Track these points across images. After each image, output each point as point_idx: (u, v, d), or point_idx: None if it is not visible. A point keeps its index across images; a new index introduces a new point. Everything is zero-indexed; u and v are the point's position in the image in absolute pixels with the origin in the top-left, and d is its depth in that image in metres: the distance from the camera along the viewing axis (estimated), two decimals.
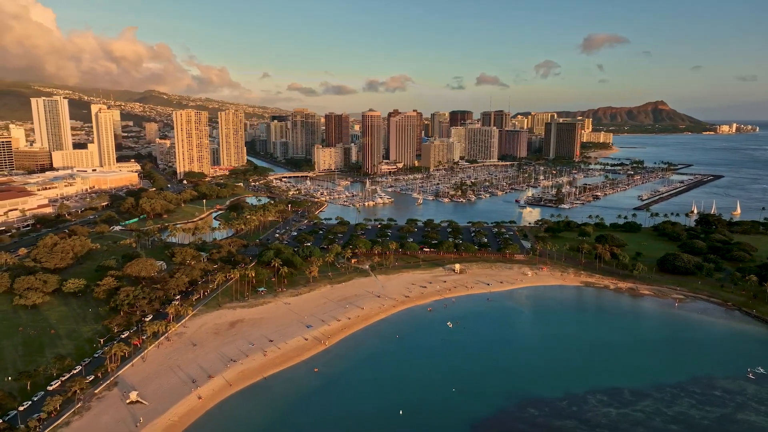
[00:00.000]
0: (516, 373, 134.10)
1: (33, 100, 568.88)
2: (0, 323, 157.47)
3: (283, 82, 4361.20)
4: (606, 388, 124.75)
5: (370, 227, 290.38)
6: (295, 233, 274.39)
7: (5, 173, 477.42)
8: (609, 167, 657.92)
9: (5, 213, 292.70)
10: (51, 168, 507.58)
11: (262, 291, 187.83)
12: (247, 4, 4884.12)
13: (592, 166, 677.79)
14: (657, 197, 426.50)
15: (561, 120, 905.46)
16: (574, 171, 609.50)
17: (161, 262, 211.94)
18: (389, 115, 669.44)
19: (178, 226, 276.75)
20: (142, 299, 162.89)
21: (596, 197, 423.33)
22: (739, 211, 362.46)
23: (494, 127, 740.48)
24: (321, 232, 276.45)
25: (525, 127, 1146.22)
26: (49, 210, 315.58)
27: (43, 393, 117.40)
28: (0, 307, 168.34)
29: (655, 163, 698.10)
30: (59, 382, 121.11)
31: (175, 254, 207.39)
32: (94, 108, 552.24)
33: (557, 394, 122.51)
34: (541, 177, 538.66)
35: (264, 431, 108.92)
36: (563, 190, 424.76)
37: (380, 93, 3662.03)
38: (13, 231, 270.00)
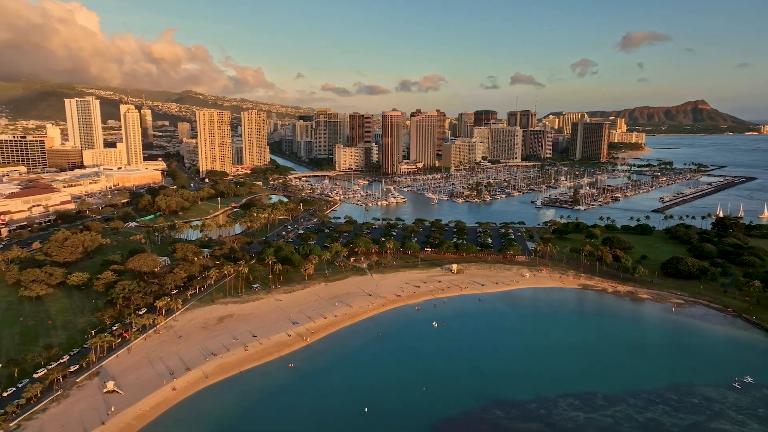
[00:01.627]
0: (491, 374, 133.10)
1: (66, 101, 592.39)
2: (5, 313, 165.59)
3: (316, 83, 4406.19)
4: (580, 392, 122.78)
5: (376, 227, 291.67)
6: (302, 231, 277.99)
7: (38, 171, 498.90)
8: (635, 168, 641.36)
9: (29, 209, 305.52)
10: (81, 166, 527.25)
11: (256, 287, 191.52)
12: (281, 6, 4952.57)
13: (618, 167, 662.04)
14: (680, 199, 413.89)
15: (588, 120, 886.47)
16: (598, 172, 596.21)
17: (165, 257, 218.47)
18: (412, 114, 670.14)
19: (186, 222, 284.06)
20: (137, 293, 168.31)
21: (615, 199, 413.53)
22: (766, 214, 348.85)
23: (518, 127, 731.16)
24: (327, 230, 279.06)
25: (556, 127, 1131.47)
26: (71, 206, 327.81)
27: (28, 380, 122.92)
28: (7, 298, 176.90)
29: (685, 164, 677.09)
30: (45, 371, 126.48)
31: (176, 250, 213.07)
32: (122, 108, 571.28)
33: (528, 396, 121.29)
34: (563, 178, 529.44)
35: (230, 423, 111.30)
36: (581, 192, 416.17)
37: (413, 93, 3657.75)
38: (34, 226, 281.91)
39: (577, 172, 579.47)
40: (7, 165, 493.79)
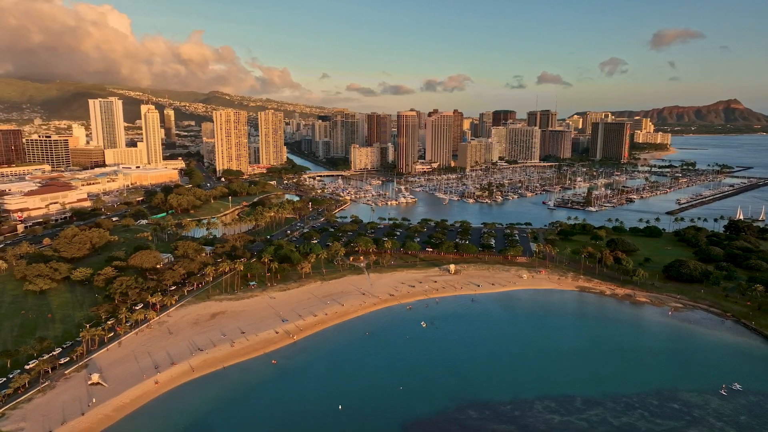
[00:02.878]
0: (472, 375, 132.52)
1: (90, 102, 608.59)
2: (9, 306, 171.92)
3: (342, 83, 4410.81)
4: (558, 395, 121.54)
5: (382, 226, 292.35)
6: (306, 230, 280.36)
7: (61, 169, 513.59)
8: (656, 169, 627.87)
9: (46, 206, 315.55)
10: (104, 165, 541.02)
11: (252, 285, 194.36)
12: (306, 7, 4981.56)
13: (639, 168, 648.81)
14: (697, 201, 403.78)
15: (610, 119, 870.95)
16: (616, 173, 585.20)
17: (168, 254, 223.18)
18: (429, 114, 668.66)
19: (192, 220, 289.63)
20: (134, 289, 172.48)
21: (630, 200, 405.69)
22: None
23: (536, 127, 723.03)
24: (332, 230, 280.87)
25: (579, 127, 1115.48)
26: (87, 204, 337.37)
27: (19, 371, 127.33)
28: (13, 292, 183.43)
29: (708, 165, 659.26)
30: (36, 362, 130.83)
31: (177, 247, 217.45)
32: (143, 108, 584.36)
33: (505, 398, 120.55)
34: (579, 178, 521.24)
35: (206, 416, 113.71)
36: (594, 193, 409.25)
37: (438, 93, 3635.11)
38: (50, 223, 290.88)
39: (594, 173, 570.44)
40: (32, 164, 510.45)
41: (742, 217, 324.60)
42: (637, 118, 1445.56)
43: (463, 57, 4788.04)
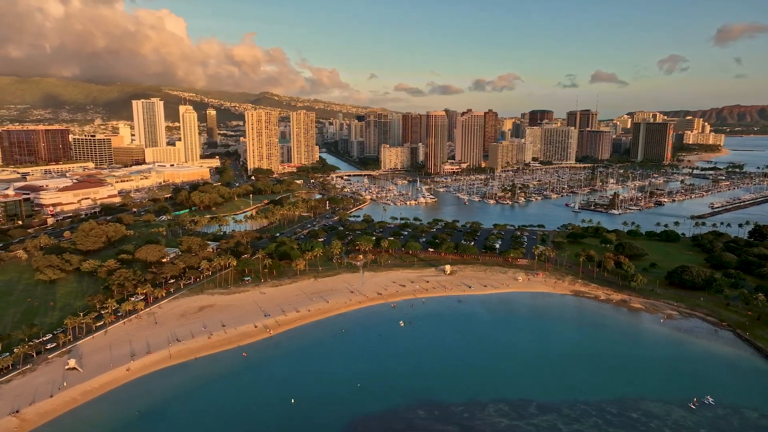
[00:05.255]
0: (434, 374, 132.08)
1: (134, 102, 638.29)
2: (20, 293, 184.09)
3: (390, 83, 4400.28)
4: (515, 399, 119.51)
5: (392, 226, 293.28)
6: (316, 228, 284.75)
7: (104, 166, 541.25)
8: (698, 171, 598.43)
9: (78, 201, 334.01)
10: (143, 162, 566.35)
11: (247, 280, 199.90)
12: (355, 9, 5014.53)
13: (681, 171, 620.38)
14: (733, 206, 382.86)
15: (659, 119, 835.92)
16: (654, 175, 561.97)
17: (176, 249, 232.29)
18: (462, 114, 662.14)
19: (206, 216, 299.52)
20: (131, 281, 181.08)
21: (659, 203, 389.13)
22: None
23: (572, 128, 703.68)
24: (341, 228, 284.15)
25: (627, 127, 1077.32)
26: (116, 200, 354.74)
27: (8, 354, 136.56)
28: (27, 280, 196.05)
29: (758, 167, 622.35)
30: (20, 346, 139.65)
31: (182, 242, 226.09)
32: (181, 109, 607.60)
33: (459, 399, 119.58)
34: (612, 180, 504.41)
35: (164, 402, 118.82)
36: (622, 195, 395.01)
37: (487, 92, 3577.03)
38: (80, 216, 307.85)
39: (630, 175, 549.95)
40: (78, 161, 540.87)
41: None
42: (689, 118, 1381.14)
43: (513, 56, 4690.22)
